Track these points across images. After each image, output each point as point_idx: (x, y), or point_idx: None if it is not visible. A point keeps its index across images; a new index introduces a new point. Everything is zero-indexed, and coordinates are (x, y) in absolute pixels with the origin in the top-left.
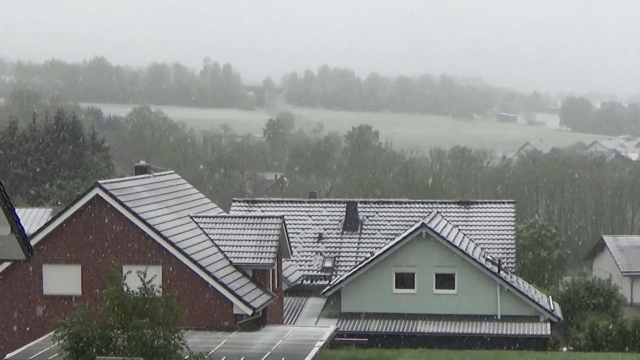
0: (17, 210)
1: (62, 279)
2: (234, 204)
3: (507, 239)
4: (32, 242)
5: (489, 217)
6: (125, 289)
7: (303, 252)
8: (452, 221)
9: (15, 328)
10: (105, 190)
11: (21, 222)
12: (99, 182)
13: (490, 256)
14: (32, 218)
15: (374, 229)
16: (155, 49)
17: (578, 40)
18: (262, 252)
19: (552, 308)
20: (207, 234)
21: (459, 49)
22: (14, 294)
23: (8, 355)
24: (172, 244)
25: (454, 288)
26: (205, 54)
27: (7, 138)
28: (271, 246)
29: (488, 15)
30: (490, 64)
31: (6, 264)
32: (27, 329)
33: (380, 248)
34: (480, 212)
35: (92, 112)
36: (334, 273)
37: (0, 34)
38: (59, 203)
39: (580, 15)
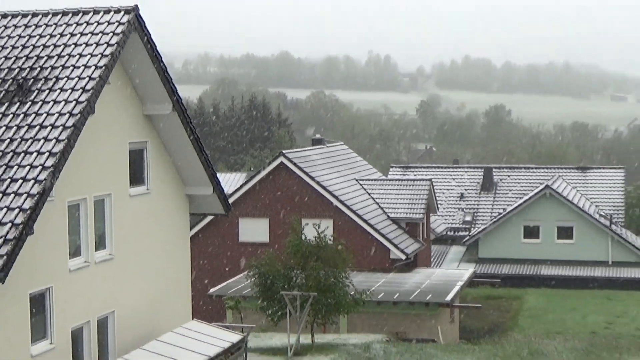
0: (218, 174)
1: (254, 230)
2: (391, 169)
3: (618, 199)
4: (230, 200)
5: (602, 180)
6: (303, 238)
7: (447, 208)
8: (571, 183)
9: (217, 268)
10: (288, 158)
11: (221, 184)
12: (283, 151)
13: (603, 212)
14: (231, 181)
15: (506, 190)
16: (328, 43)
17: None
18: (414, 208)
19: None
20: (369, 194)
21: (579, 36)
22: (216, 241)
23: (212, 289)
24: (342, 202)
25: (572, 238)
26: (369, 47)
27: (212, 117)
28: (421, 203)
29: (604, 4)
30: (605, 50)
31: (210, 218)
32: (227, 269)
33: (511, 205)
34: (594, 176)
35: (278, 96)
36: (472, 226)
37: (206, 33)
38: (252, 169)
39: None
